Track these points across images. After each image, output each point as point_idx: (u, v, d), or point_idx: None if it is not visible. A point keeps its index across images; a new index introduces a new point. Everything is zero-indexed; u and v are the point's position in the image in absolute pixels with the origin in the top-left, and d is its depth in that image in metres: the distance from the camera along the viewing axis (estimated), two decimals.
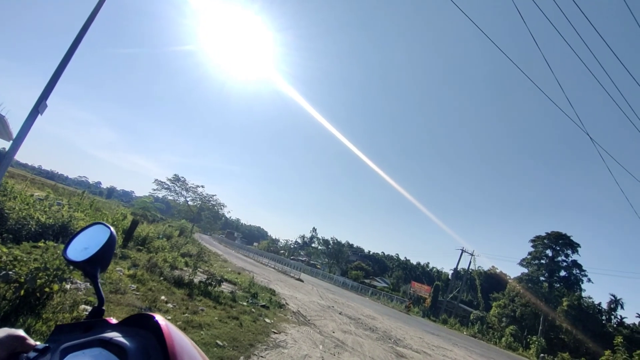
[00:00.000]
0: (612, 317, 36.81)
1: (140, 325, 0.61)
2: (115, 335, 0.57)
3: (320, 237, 71.38)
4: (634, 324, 38.08)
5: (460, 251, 42.12)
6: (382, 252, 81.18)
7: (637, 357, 23.13)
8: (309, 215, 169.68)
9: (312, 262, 60.73)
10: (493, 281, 49.77)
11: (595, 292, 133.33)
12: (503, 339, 29.98)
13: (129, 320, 0.63)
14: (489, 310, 39.48)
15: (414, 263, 68.95)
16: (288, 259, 49.13)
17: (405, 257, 74.28)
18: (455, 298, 44.18)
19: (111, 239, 0.83)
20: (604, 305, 37.23)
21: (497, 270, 52.85)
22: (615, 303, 37.14)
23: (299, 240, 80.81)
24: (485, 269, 52.96)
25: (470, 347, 15.08)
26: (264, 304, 8.32)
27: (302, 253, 73.40)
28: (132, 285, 5.93)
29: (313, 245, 73.97)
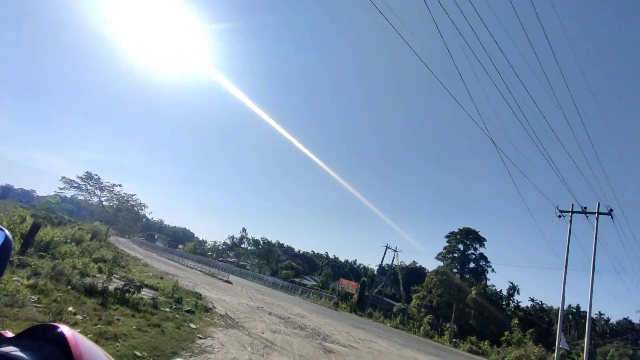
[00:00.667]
0: (511, 302, 44.93)
1: (43, 338, 0.57)
2: (11, 350, 0.52)
3: (250, 238, 71.37)
4: (527, 307, 47.07)
5: (385, 248, 46.29)
6: (312, 251, 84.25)
7: (529, 335, 29.03)
8: (238, 216, 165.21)
9: (241, 263, 60.95)
10: (414, 275, 55.94)
11: (498, 280, 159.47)
12: (421, 328, 34.08)
13: (29, 332, 0.59)
14: (410, 302, 44.47)
15: (343, 261, 73.59)
16: (216, 260, 48.43)
17: (334, 255, 78.55)
18: (380, 292, 48.48)
19: (6, 244, 0.75)
20: (504, 292, 45.27)
21: (417, 265, 59.59)
22: (513, 289, 45.34)
23: (228, 242, 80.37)
24: (407, 263, 59.31)
25: (393, 338, 17.00)
26: (189, 308, 8.25)
27: (231, 254, 72.47)
28: (33, 297, 5.43)
29: (243, 246, 74.22)
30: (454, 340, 30.74)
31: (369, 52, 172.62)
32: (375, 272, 59.90)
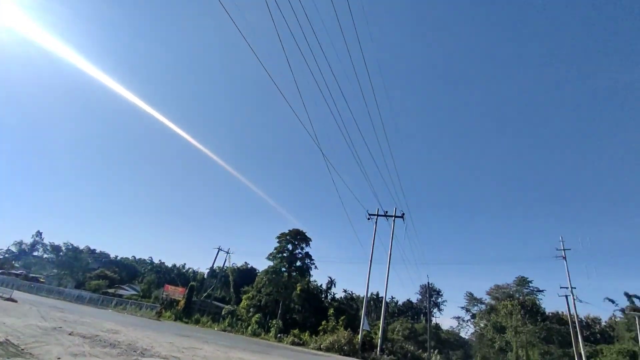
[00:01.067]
0: (329, 294, 53.19)
1: None
2: None
3: (48, 243, 57.54)
4: (341, 297, 56.82)
5: (217, 250, 46.42)
6: (133, 257, 77.18)
7: (341, 322, 35.30)
8: (31, 216, 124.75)
9: (32, 275, 51.03)
10: (246, 276, 58.10)
11: (320, 276, 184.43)
12: (249, 327, 36.00)
13: None
14: (240, 304, 46.06)
15: (170, 265, 68.83)
16: None
17: (160, 260, 72.23)
18: (210, 296, 47.96)
19: None
20: (324, 286, 53.27)
21: (249, 266, 62.18)
22: (331, 283, 53.94)
23: (14, 248, 63.16)
24: (239, 265, 61.01)
25: (220, 341, 17.61)
26: None
27: (17, 265, 57.48)
28: None
29: (36, 253, 60.13)
30: (279, 335, 33.84)
31: (206, 51, 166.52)
32: (205, 276, 58.54)
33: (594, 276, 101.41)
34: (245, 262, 62.91)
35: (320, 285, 51.59)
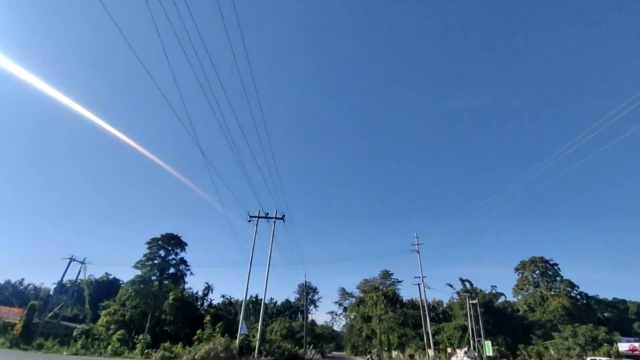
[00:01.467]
0: (205, 301, 55.07)
1: None
2: None
3: None
4: (219, 303, 59.27)
5: (69, 260, 43.77)
6: None
7: (218, 329, 37.60)
8: None
9: None
10: (105, 289, 55.33)
11: (196, 283, 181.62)
12: (109, 347, 35.69)
13: None
14: (98, 321, 44.52)
15: (2, 282, 60.21)
16: None
17: None
18: (57, 316, 44.93)
19: None
20: (201, 293, 54.98)
21: (111, 277, 59.40)
22: (208, 289, 55.84)
23: None
24: (98, 277, 57.87)
25: None
26: None
27: None
28: None
29: None
30: (147, 351, 34.06)
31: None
32: (51, 292, 53.84)
33: (439, 266, 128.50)
34: (106, 273, 59.57)
35: (196, 293, 53.16)
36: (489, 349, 31.05)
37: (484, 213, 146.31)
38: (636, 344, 38.20)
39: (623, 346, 38.45)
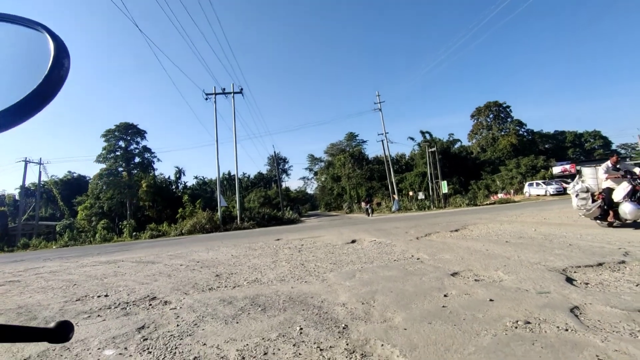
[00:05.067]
0: (179, 184, 57.07)
1: None
2: None
3: None
4: (193, 184, 61.66)
5: (24, 162, 42.53)
6: None
7: (198, 205, 40.75)
8: None
9: None
10: (74, 186, 55.65)
11: (166, 168, 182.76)
12: (97, 235, 38.20)
13: None
14: (77, 216, 46.33)
15: None
16: None
17: None
18: (33, 217, 46.15)
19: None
20: (173, 177, 56.49)
21: (75, 175, 59.00)
22: (180, 173, 57.31)
23: None
24: (61, 176, 57.28)
25: (65, 255, 20.33)
26: None
27: None
28: None
29: None
30: (135, 234, 37.14)
31: None
32: (17, 197, 53.72)
33: (401, 121, 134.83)
34: (69, 171, 58.98)
35: (169, 178, 54.72)
36: (444, 187, 35.72)
37: (440, 63, 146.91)
38: (567, 166, 44.91)
39: (557, 169, 45.16)
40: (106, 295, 5.33)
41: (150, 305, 4.53)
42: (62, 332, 0.53)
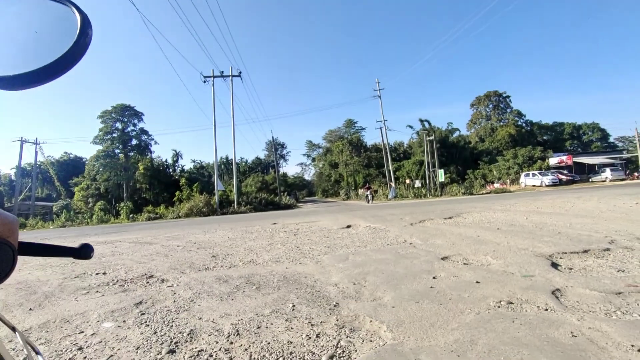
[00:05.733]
0: (176, 167, 56.97)
1: None
2: None
3: None
4: (190, 168, 61.59)
5: (20, 142, 42.34)
6: None
7: (195, 189, 40.88)
8: None
9: None
10: (70, 167, 55.44)
11: (163, 151, 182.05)
12: (94, 216, 38.33)
13: None
14: (74, 197, 46.33)
15: None
16: None
17: None
18: (29, 198, 46.15)
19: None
20: (170, 160, 56.33)
21: (72, 155, 58.74)
22: (177, 156, 57.11)
23: None
24: (57, 157, 57.01)
25: (62, 235, 20.49)
26: None
27: None
28: None
29: None
30: (132, 216, 37.23)
31: None
32: (12, 177, 53.55)
33: (400, 110, 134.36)
34: (66, 152, 58.72)
35: (166, 161, 54.52)
36: (441, 176, 35.91)
37: (441, 50, 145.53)
38: (564, 157, 45.11)
39: (553, 160, 45.35)
40: (104, 273, 5.45)
41: (148, 282, 4.65)
42: (84, 252, 0.67)
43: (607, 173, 35.88)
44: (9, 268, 0.54)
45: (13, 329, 0.67)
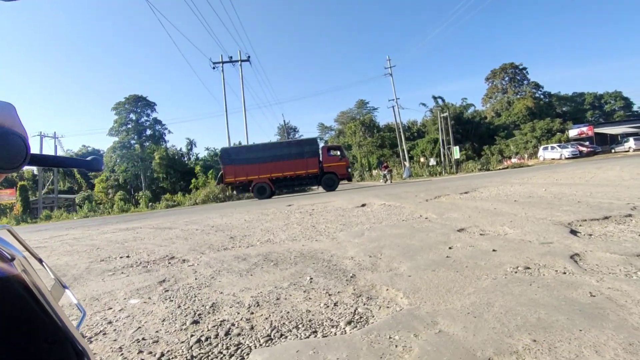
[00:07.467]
0: (191, 155, 57.78)
1: None
2: None
3: None
4: (205, 156, 62.36)
5: (39, 136, 43.48)
6: None
7: (210, 176, 41.64)
8: None
9: None
10: None
11: (177, 140, 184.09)
12: (115, 206, 39.50)
13: None
14: (94, 189, 47.66)
15: None
16: None
17: None
18: (52, 191, 47.66)
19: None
20: (184, 149, 57.10)
21: (90, 148, 59.89)
22: (191, 144, 57.82)
23: None
24: (76, 150, 58.30)
25: (86, 224, 21.25)
26: None
27: None
28: None
29: None
30: (151, 204, 38.22)
31: None
32: (35, 171, 55.21)
33: (413, 88, 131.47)
34: (84, 145, 60.06)
35: (181, 149, 55.28)
36: (457, 153, 35.38)
37: (453, 22, 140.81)
38: (584, 129, 43.71)
39: (573, 132, 44.02)
40: (127, 257, 5.64)
41: (170, 263, 4.80)
42: (96, 164, 0.71)
43: (631, 142, 34.67)
44: (22, 158, 0.54)
45: (40, 261, 0.73)
